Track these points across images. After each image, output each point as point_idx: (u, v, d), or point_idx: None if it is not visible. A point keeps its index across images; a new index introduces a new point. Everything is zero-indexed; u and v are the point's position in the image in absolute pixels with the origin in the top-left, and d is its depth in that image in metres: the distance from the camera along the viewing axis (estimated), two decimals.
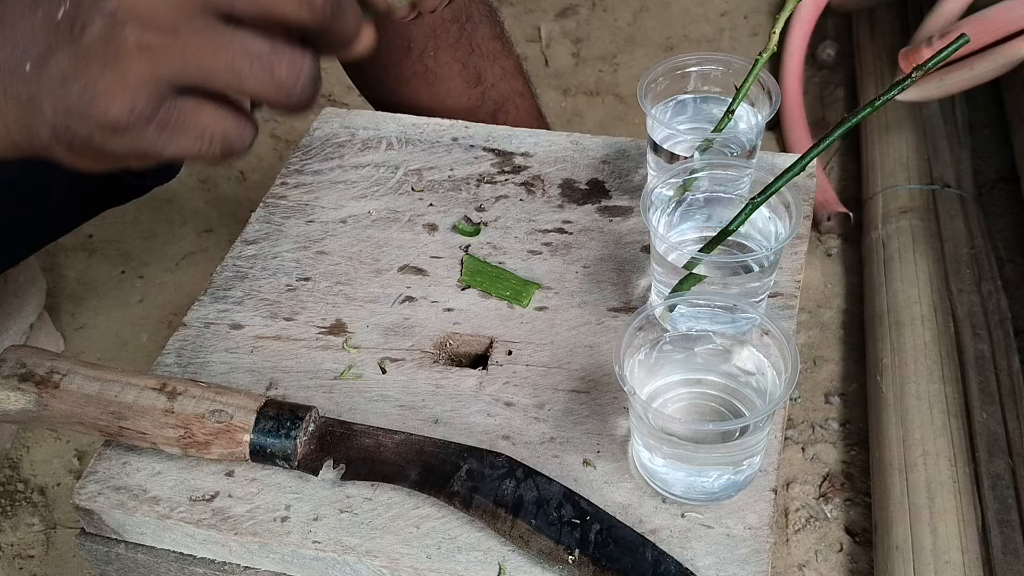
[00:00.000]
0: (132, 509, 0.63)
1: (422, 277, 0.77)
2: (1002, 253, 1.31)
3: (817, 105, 1.61)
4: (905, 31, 1.53)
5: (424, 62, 0.99)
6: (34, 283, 1.25)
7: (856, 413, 1.18)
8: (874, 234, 1.32)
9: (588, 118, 1.64)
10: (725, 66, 0.76)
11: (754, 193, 0.68)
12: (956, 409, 1.07)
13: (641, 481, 0.62)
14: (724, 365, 0.62)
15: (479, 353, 0.72)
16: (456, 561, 0.59)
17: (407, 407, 0.67)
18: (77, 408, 0.62)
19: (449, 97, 1.00)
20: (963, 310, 1.18)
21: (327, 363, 0.71)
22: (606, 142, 0.87)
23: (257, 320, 0.74)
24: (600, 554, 0.57)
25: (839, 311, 1.31)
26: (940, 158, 1.39)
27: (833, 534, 1.07)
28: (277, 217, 0.82)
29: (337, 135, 0.89)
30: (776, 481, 0.62)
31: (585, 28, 1.82)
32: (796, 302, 0.72)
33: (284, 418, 0.62)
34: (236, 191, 1.55)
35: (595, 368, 0.69)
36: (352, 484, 0.63)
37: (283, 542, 0.61)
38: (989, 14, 1.22)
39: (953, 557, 0.95)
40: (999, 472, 1.02)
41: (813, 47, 1.67)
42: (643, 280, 0.75)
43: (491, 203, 0.82)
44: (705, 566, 0.58)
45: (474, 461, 0.62)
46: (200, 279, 1.38)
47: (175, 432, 0.61)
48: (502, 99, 1.03)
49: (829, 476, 1.12)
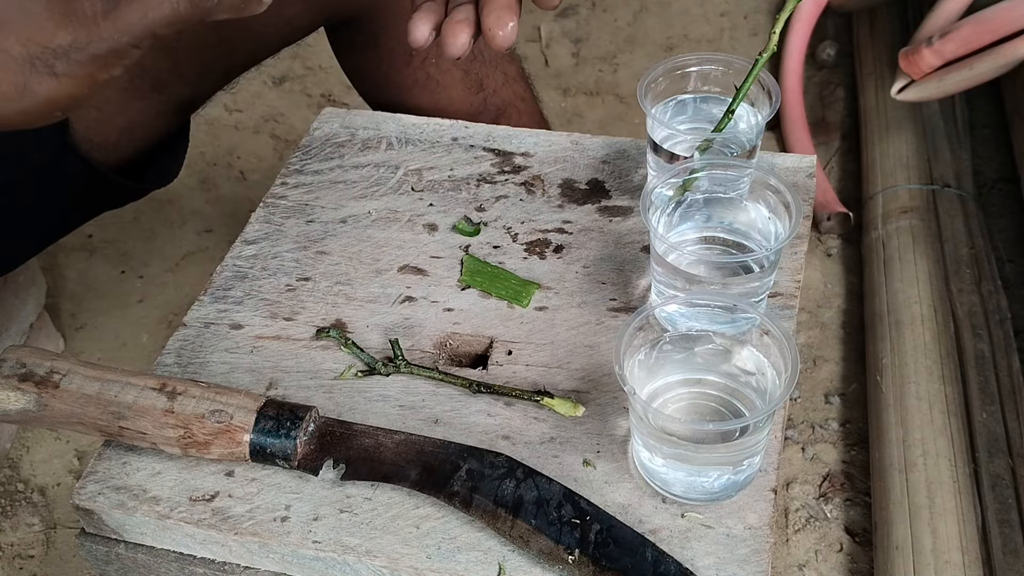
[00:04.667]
0: (132, 509, 0.63)
1: (422, 277, 0.77)
2: (1002, 253, 1.31)
3: (817, 105, 1.61)
4: (905, 31, 1.53)
5: (426, 69, 0.99)
6: (34, 283, 1.25)
7: (856, 413, 1.18)
8: (874, 234, 1.32)
9: (588, 118, 1.65)
10: (725, 66, 0.76)
11: (754, 193, 0.68)
12: (956, 409, 1.07)
13: (641, 481, 0.62)
14: (724, 365, 0.62)
15: (479, 353, 0.72)
16: (456, 561, 0.59)
17: (407, 407, 0.67)
18: (77, 408, 0.62)
19: (451, 104, 1.00)
20: (963, 310, 1.18)
21: (327, 363, 0.71)
22: (606, 142, 0.87)
23: (257, 320, 0.74)
24: (600, 554, 0.57)
25: (839, 311, 1.31)
26: (940, 158, 1.39)
27: (833, 534, 1.07)
28: (277, 217, 0.82)
29: (337, 135, 0.89)
30: (776, 481, 0.62)
31: (585, 28, 1.82)
32: (796, 302, 0.72)
33: (284, 418, 0.62)
34: (236, 191, 1.55)
35: (595, 368, 0.69)
36: (352, 484, 0.63)
37: (283, 542, 0.61)
38: (989, 14, 1.22)
39: (953, 557, 0.95)
40: (999, 472, 1.02)
41: (813, 47, 1.68)
42: (643, 280, 0.75)
43: (491, 203, 0.82)
44: (705, 566, 0.58)
45: (474, 461, 0.62)
46: (200, 279, 1.38)
47: (175, 432, 0.61)
48: (504, 105, 1.03)
49: (829, 476, 1.12)
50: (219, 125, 1.65)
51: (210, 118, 1.65)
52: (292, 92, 1.72)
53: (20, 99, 0.50)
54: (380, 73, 1.00)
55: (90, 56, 0.49)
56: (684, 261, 0.65)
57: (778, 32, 0.69)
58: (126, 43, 0.50)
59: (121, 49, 0.50)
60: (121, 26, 0.49)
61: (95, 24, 0.49)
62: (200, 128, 1.61)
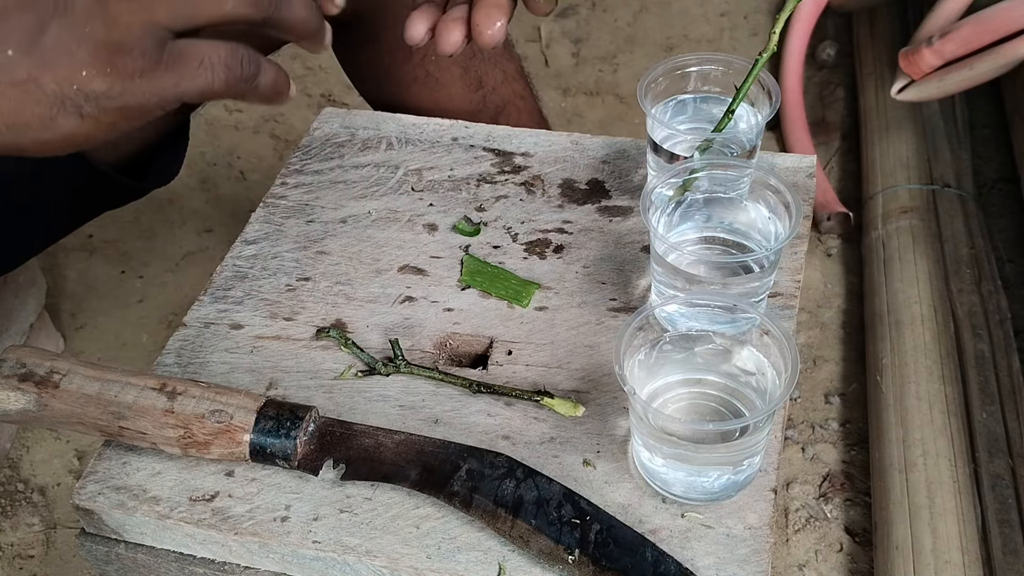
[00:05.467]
0: (132, 509, 0.63)
1: (422, 277, 0.77)
2: (1002, 253, 1.31)
3: (817, 105, 1.61)
4: (905, 31, 1.53)
5: (425, 67, 0.99)
6: (34, 283, 1.25)
7: (856, 413, 1.18)
8: (874, 234, 1.32)
9: (588, 118, 1.65)
10: (725, 66, 0.76)
11: (754, 193, 0.68)
12: (956, 409, 1.07)
13: (641, 481, 0.62)
14: (724, 365, 0.62)
15: (479, 353, 0.72)
16: (456, 561, 0.59)
17: (407, 407, 0.67)
18: (77, 408, 0.62)
19: (450, 101, 1.00)
20: (963, 310, 1.18)
21: (327, 363, 0.71)
22: (606, 142, 0.87)
23: (257, 320, 0.74)
24: (600, 554, 0.57)
25: (839, 311, 1.31)
26: (940, 158, 1.39)
27: (833, 534, 1.07)
28: (277, 217, 0.82)
29: (337, 135, 0.89)
30: (776, 481, 0.62)
31: (585, 28, 1.82)
32: (796, 302, 0.72)
33: (284, 418, 0.62)
34: (236, 191, 1.55)
35: (595, 368, 0.69)
36: (352, 484, 0.63)
37: (283, 542, 0.61)
38: (989, 14, 1.22)
39: (953, 557, 0.95)
40: (999, 472, 1.02)
41: (813, 47, 1.68)
42: (643, 280, 0.75)
43: (491, 203, 0.82)
44: (705, 566, 0.58)
45: (474, 461, 0.62)
46: (200, 279, 1.38)
47: (175, 432, 0.61)
48: (503, 103, 1.03)
49: (829, 476, 1.12)
50: (219, 125, 1.65)
51: (210, 118, 1.65)
52: None
53: (42, 130, 0.52)
54: (380, 70, 1.00)
55: (119, 107, 0.51)
56: (684, 261, 0.65)
57: (778, 32, 0.69)
58: (155, 103, 0.52)
59: (149, 107, 0.52)
60: (155, 88, 0.51)
61: (131, 80, 0.51)
62: (200, 128, 1.61)
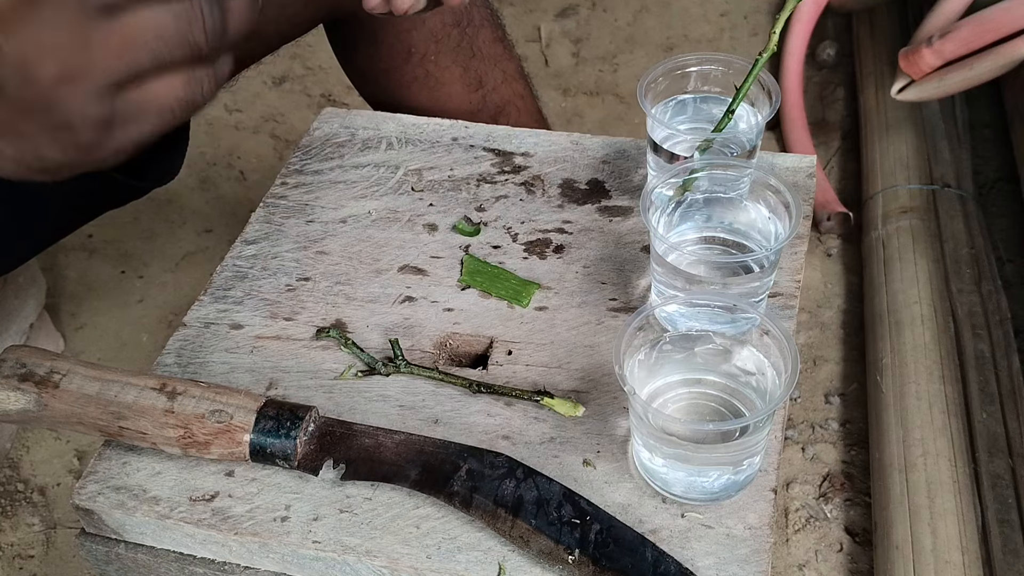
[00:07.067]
0: (132, 509, 0.63)
1: (422, 277, 0.77)
2: (1002, 253, 1.31)
3: (817, 105, 1.61)
4: (905, 31, 1.53)
5: (425, 66, 0.99)
6: (34, 283, 1.25)
7: (856, 413, 1.18)
8: (874, 234, 1.32)
9: (588, 118, 1.65)
10: (725, 66, 0.76)
11: (754, 193, 0.68)
12: (956, 409, 1.07)
13: (641, 481, 0.62)
14: (724, 365, 0.62)
15: (479, 353, 0.72)
16: (456, 561, 0.59)
17: (407, 407, 0.67)
18: (77, 408, 0.62)
19: (450, 101, 1.00)
20: (963, 310, 1.18)
21: (327, 363, 0.71)
22: (606, 142, 0.87)
23: (257, 320, 0.74)
24: (600, 554, 0.57)
25: (839, 311, 1.31)
26: (940, 158, 1.39)
27: (833, 534, 1.07)
28: (277, 217, 0.82)
29: (337, 135, 0.89)
30: (776, 481, 0.62)
31: (585, 28, 1.82)
32: (796, 302, 0.72)
33: (284, 418, 0.62)
34: (236, 191, 1.55)
35: (595, 368, 0.69)
36: (352, 484, 0.63)
37: (283, 542, 0.61)
38: (989, 14, 1.22)
39: (953, 557, 0.95)
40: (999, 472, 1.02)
41: (813, 47, 1.67)
42: (643, 280, 0.75)
43: (491, 203, 0.82)
44: (705, 566, 0.58)
45: (474, 461, 0.62)
46: (200, 279, 1.38)
47: (175, 432, 0.61)
48: (503, 102, 1.03)
49: (829, 476, 1.12)
50: (219, 125, 1.65)
51: (210, 118, 1.65)
52: (292, 92, 1.72)
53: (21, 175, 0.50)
54: (379, 70, 1.00)
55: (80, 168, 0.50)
56: (684, 261, 0.65)
57: (778, 32, 0.69)
58: (129, 149, 0.50)
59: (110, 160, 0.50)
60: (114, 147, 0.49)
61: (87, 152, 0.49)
62: (200, 128, 1.61)
